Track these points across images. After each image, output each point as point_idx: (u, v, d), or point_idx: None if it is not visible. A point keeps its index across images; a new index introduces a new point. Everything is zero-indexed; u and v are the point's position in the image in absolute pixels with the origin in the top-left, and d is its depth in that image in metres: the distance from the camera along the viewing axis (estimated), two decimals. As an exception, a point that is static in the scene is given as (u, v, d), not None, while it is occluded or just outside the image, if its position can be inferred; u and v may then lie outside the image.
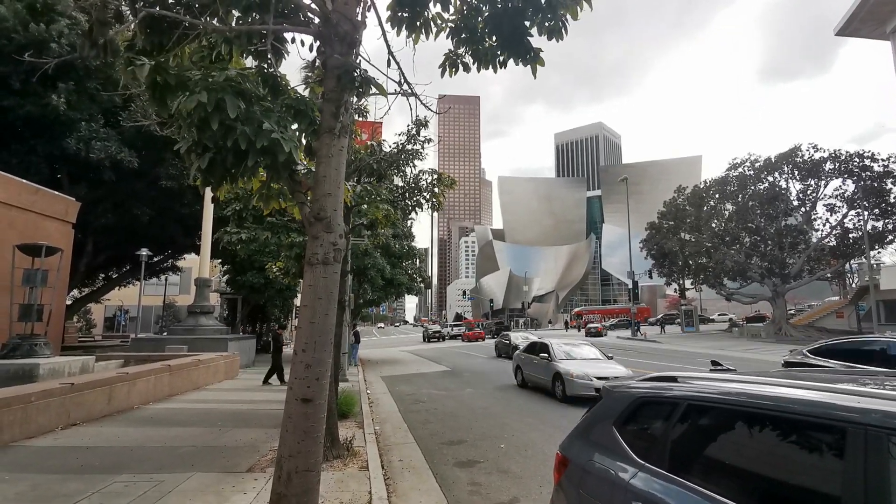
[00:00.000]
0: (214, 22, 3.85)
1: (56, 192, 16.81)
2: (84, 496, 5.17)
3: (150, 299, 39.33)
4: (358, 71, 3.59)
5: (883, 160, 33.62)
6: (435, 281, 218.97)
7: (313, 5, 3.86)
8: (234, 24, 3.82)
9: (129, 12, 3.50)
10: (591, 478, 2.89)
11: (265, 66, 4.02)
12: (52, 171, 20.27)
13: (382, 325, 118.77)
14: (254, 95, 3.42)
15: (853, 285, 41.27)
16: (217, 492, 5.34)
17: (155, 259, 29.08)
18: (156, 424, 8.87)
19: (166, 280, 34.81)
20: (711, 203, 40.37)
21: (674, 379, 2.84)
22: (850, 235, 35.01)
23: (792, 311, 46.80)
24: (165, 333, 22.02)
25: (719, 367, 3.25)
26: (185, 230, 24.25)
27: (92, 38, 3.23)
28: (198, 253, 22.13)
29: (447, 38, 4.64)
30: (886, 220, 33.59)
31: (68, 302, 23.49)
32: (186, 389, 12.75)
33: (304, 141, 4.09)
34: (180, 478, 5.75)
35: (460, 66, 4.71)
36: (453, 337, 52.14)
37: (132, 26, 3.82)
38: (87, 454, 6.82)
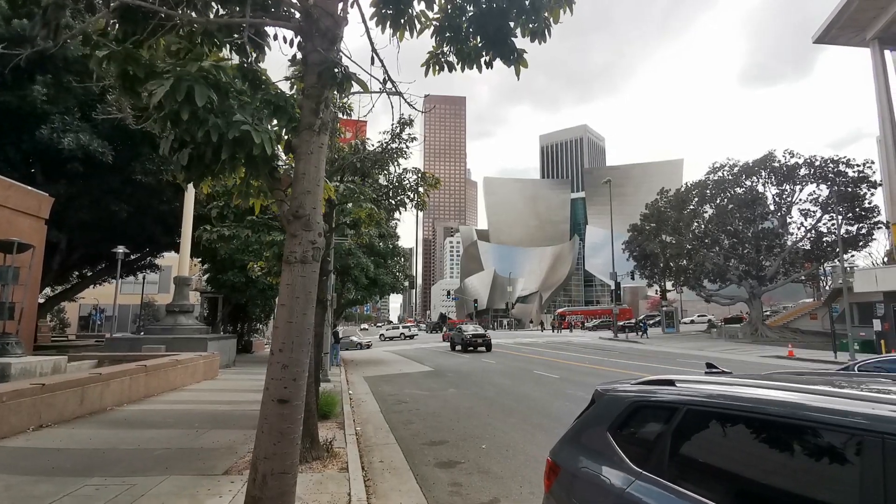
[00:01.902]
0: (192, 14, 3.77)
1: (29, 188, 16.34)
2: (55, 499, 5.04)
3: (127, 298, 38.46)
4: (339, 67, 3.54)
5: (857, 165, 34.53)
6: (419, 281, 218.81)
7: (294, -1, 3.80)
8: (212, 17, 3.74)
9: (101, 1, 3.40)
10: (585, 485, 2.76)
11: (245, 60, 3.94)
12: (28, 166, 19.71)
13: (366, 325, 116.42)
14: (231, 89, 3.35)
15: (827, 288, 42.33)
16: (191, 495, 5.23)
17: (133, 257, 28.41)
18: (130, 426, 8.67)
19: (144, 278, 34.06)
20: (692, 206, 41.04)
21: (671, 382, 2.72)
22: (824, 239, 35.90)
23: (768, 313, 47.81)
24: (143, 333, 21.57)
25: (715, 370, 3.14)
26: (164, 228, 23.74)
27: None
28: (177, 251, 21.74)
29: (431, 36, 4.61)
30: (860, 225, 34.51)
31: (41, 300, 22.87)
32: (163, 390, 12.49)
33: (284, 137, 4.02)
34: (154, 481, 5.62)
35: (444, 66, 4.69)
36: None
37: (109, 17, 3.71)
38: (58, 456, 6.65)
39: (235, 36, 3.78)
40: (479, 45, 4.51)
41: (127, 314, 41.45)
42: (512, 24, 4.33)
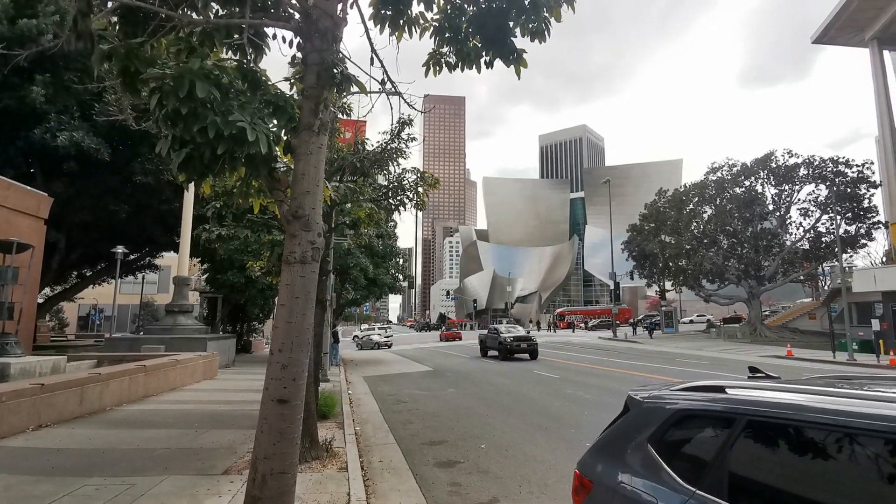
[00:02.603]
0: (192, 14, 3.77)
1: (29, 188, 16.34)
2: (55, 498, 5.05)
3: (126, 298, 38.45)
4: (338, 68, 3.55)
5: (857, 166, 34.54)
6: (419, 281, 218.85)
7: (293, 0, 3.81)
8: (212, 17, 3.74)
9: (100, 1, 3.40)
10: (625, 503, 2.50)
11: (244, 60, 3.95)
12: (28, 165, 19.71)
13: (367, 326, 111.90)
14: (231, 89, 3.36)
15: (825, 287, 42.40)
16: (191, 495, 5.24)
17: (132, 257, 28.41)
18: (129, 426, 8.68)
19: (143, 278, 34.04)
20: (691, 206, 41.07)
21: (720, 388, 2.44)
22: (823, 239, 35.93)
23: (767, 313, 47.84)
24: (142, 333, 21.57)
25: (760, 375, 2.83)
26: (164, 228, 23.74)
27: (77, 31, 3.14)
28: (177, 251, 21.74)
29: (431, 37, 4.62)
30: (859, 225, 34.54)
31: (40, 300, 22.85)
32: (162, 390, 12.49)
33: (283, 137, 4.03)
34: (153, 480, 5.62)
35: (444, 66, 4.70)
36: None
37: (110, 17, 3.72)
38: (58, 456, 6.65)
39: (235, 36, 3.78)
40: (479, 45, 4.52)
41: (126, 314, 41.43)
42: (511, 23, 4.34)
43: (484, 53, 4.54)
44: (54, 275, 23.85)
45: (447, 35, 4.52)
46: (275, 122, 3.81)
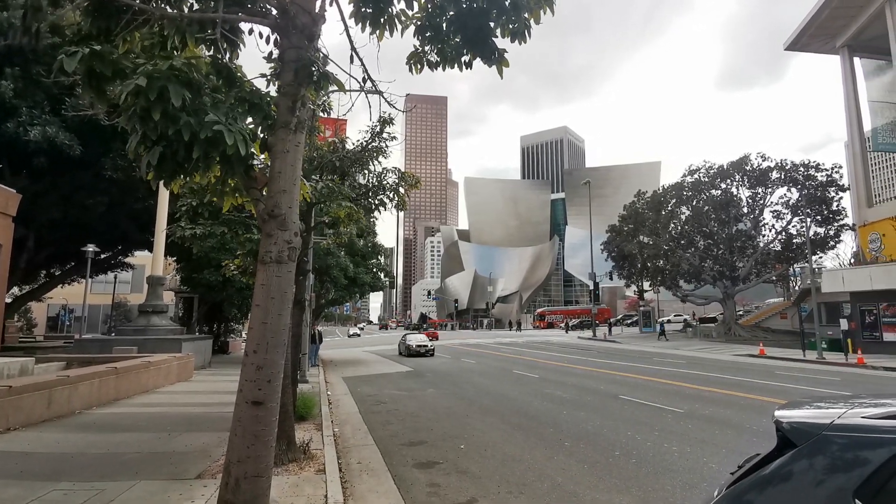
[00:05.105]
0: (166, 8, 3.68)
1: (-5, 183, 15.78)
2: (23, 503, 4.89)
3: (98, 298, 37.38)
4: (316, 65, 3.51)
5: (826, 170, 35.61)
6: (400, 281, 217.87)
7: (271, -5, 3.75)
8: (186, 11, 3.66)
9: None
10: None
11: (220, 56, 3.87)
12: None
13: (357, 330, 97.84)
14: (203, 86, 3.29)
15: (796, 288, 43.61)
16: (163, 500, 5.11)
17: (104, 255, 27.64)
18: (99, 430, 8.44)
19: (116, 278, 33.14)
20: (669, 207, 41.79)
21: None
22: (794, 241, 36.96)
23: (741, 312, 49.00)
24: (114, 334, 21.03)
25: None
26: (138, 225, 23.17)
27: (25, 24, 3.04)
28: (151, 249, 21.25)
29: (413, 36, 4.60)
30: (828, 227, 35.62)
31: (7, 300, 22.09)
32: (135, 393, 12.19)
33: (260, 135, 3.96)
34: (124, 486, 5.47)
35: (426, 64, 4.69)
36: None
37: (77, 10, 3.60)
38: (26, 460, 6.46)
39: (209, 31, 3.70)
40: (460, 44, 4.52)
41: (98, 315, 40.31)
42: (492, 24, 4.35)
43: (465, 53, 4.54)
44: (22, 274, 23.08)
45: (428, 34, 4.51)
46: (250, 119, 3.74)
